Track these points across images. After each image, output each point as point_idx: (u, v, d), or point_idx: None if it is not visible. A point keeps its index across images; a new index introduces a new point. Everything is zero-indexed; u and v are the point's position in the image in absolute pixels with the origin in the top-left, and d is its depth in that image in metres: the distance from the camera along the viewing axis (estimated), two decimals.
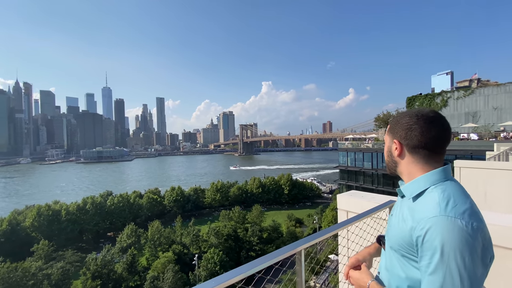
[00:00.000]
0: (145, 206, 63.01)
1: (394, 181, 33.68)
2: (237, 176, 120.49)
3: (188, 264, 39.40)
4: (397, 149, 1.19)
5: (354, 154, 37.99)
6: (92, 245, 53.03)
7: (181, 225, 51.38)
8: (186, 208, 68.11)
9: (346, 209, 2.49)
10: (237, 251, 45.33)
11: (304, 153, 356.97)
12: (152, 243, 43.89)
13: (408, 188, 1.17)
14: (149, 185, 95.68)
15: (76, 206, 55.18)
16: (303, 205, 78.78)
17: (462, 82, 45.57)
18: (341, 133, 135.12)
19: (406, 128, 1.14)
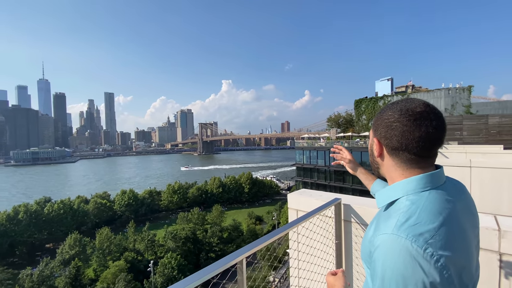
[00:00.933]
0: (92, 212, 57.19)
1: (344, 176, 36.48)
2: (197, 176, 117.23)
3: (143, 271, 37.00)
4: (376, 149, 0.97)
5: (309, 152, 40.11)
6: (27, 260, 46.01)
7: (134, 231, 47.86)
8: (140, 212, 63.79)
9: (296, 208, 2.51)
10: (197, 254, 44.10)
11: (264, 152, 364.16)
12: (100, 252, 40.10)
13: (380, 195, 0.96)
14: (96, 189, 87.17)
15: (6, 216, 47.43)
16: (263, 203, 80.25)
17: (400, 88, 51.51)
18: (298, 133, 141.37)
19: (387, 125, 0.90)
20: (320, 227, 2.16)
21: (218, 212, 56.48)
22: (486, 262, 1.61)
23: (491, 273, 1.61)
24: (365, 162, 35.12)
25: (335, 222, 2.21)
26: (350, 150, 35.72)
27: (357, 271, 2.17)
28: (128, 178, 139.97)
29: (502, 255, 1.59)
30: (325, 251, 2.18)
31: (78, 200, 58.43)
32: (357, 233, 2.15)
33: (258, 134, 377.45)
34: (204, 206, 70.03)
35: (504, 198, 4.55)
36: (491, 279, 1.61)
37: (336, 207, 2.19)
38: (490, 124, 20.38)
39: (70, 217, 53.33)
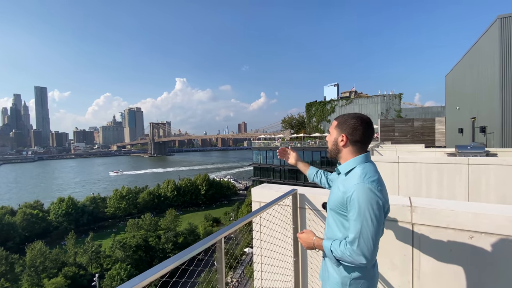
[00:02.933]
0: (20, 225, 49.22)
1: (297, 175, 38.68)
2: (148, 180, 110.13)
3: (86, 287, 33.41)
4: (343, 141, 1.68)
5: (265, 153, 41.47)
6: None
7: (74, 243, 42.78)
8: (81, 221, 57.27)
9: (259, 200, 2.79)
10: (149, 262, 41.49)
11: (221, 153, 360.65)
12: (32, 270, 34.86)
13: (343, 167, 1.69)
14: (25, 198, 75.15)
15: None
16: (220, 204, 79.46)
17: (345, 93, 56.72)
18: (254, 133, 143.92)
19: (353, 127, 1.64)
20: (280, 214, 2.49)
21: (172, 216, 54.09)
22: (403, 231, 2.15)
23: (406, 239, 2.14)
24: (315, 160, 37.82)
25: (292, 210, 2.57)
26: (302, 149, 38.09)
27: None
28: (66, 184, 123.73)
29: (413, 225, 2.13)
30: (284, 234, 2.52)
31: (2, 211, 49.70)
32: (310, 217, 2.55)
33: (215, 135, 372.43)
34: (157, 211, 66.26)
35: (422, 186, 5.63)
36: (406, 243, 2.15)
37: (293, 197, 2.55)
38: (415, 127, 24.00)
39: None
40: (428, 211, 2.06)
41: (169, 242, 43.93)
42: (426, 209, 2.07)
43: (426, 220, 2.07)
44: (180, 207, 72.47)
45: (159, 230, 49.93)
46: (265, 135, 49.98)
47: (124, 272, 33.57)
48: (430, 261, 2.08)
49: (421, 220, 2.09)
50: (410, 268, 2.15)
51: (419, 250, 2.11)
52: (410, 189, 5.72)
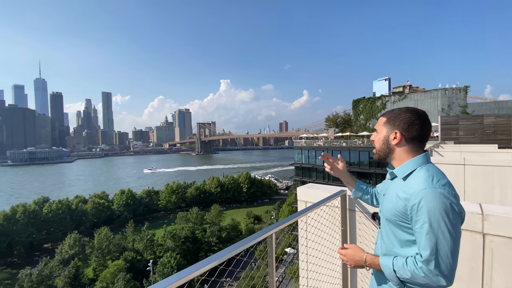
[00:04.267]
0: (90, 212, 57.16)
1: None
2: (195, 176, 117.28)
3: (142, 271, 37.17)
4: (396, 138, 1.46)
5: (307, 152, 40.46)
6: (25, 260, 45.90)
7: (133, 231, 48.00)
8: (138, 212, 63.84)
9: (305, 200, 2.77)
10: (196, 253, 44.30)
11: (262, 152, 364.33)
12: (99, 252, 40.16)
13: (400, 170, 1.45)
14: (94, 188, 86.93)
15: (3, 215, 47.28)
16: (261, 202, 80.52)
17: (397, 88, 51.97)
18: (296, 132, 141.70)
19: (408, 122, 1.42)
20: (328, 215, 2.44)
21: (216, 211, 56.73)
22: (472, 241, 1.91)
23: (475, 251, 1.90)
24: (363, 161, 35.57)
25: (341, 211, 2.49)
26: (348, 149, 36.14)
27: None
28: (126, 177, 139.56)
29: (485, 236, 1.88)
30: (332, 235, 2.47)
31: (76, 200, 58.35)
32: (361, 220, 2.44)
33: (256, 134, 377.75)
34: (203, 205, 70.21)
35: (495, 192, 4.87)
36: (475, 255, 1.90)
37: (342, 198, 2.47)
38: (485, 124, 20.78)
39: (68, 217, 53.29)
40: (504, 220, 1.79)
41: (214, 236, 46.19)
42: (501, 218, 1.81)
43: (501, 231, 1.81)
44: (224, 203, 75.58)
45: (204, 223, 52.88)
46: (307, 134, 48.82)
47: (174, 260, 36.41)
48: (504, 277, 1.81)
49: (494, 230, 1.83)
50: (480, 283, 1.90)
51: (491, 263, 1.86)
52: (479, 195, 4.99)
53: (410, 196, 1.30)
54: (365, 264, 1.49)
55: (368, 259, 1.47)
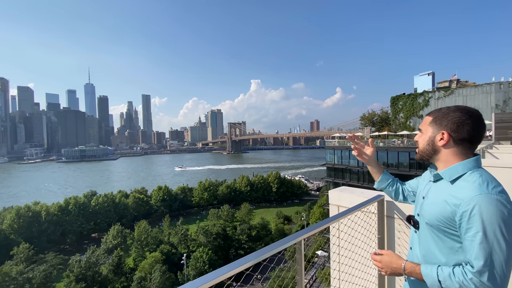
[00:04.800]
0: (131, 206, 61.72)
1: None
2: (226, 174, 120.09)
3: (176, 263, 39.06)
4: (443, 139, 1.34)
5: (340, 152, 38.84)
6: (76, 247, 51.32)
7: (168, 225, 50.74)
8: (174, 207, 67.29)
9: (337, 204, 2.62)
10: (226, 250, 45.37)
11: (292, 151, 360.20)
12: (139, 243, 43.14)
13: (447, 173, 1.32)
14: (135, 184, 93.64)
15: (58, 207, 53.26)
16: (291, 203, 79.64)
17: (443, 83, 47.46)
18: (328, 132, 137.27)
19: (458, 122, 1.29)
20: (363, 221, 2.27)
21: (246, 210, 57.42)
22: None
23: None
24: (403, 162, 33.16)
25: (377, 218, 2.31)
26: (386, 149, 33.95)
27: None
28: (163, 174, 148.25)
29: None
30: (368, 243, 2.29)
31: (119, 194, 63.38)
32: (400, 228, 2.22)
33: (286, 133, 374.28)
34: (233, 203, 71.59)
35: None
36: None
37: (379, 204, 2.28)
38: None
39: (113, 209, 58.19)
40: None
41: (244, 234, 46.85)
42: None
43: None
44: (253, 202, 76.24)
45: (235, 221, 53.87)
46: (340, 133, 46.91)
47: (206, 256, 37.69)
48: None
49: None
50: None
51: None
52: None
53: (461, 201, 1.19)
54: (404, 272, 1.37)
55: (407, 267, 1.35)
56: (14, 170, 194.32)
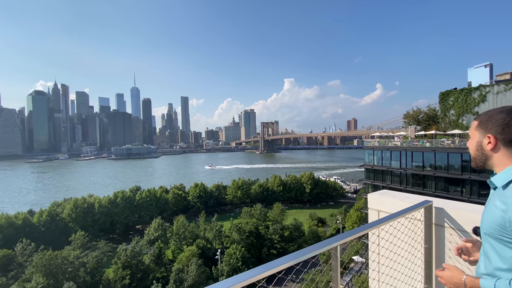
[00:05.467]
0: (171, 201, 65.66)
1: (425, 181, 31.80)
2: (258, 173, 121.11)
3: (211, 258, 40.47)
4: (490, 143, 1.28)
5: (381, 153, 36.39)
6: (123, 237, 56.40)
7: (204, 221, 52.87)
8: (209, 204, 69.92)
9: (378, 209, 2.44)
10: (259, 248, 45.72)
11: (327, 151, 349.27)
12: (177, 236, 45.63)
13: (498, 178, 1.26)
14: (174, 180, 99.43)
15: (108, 199, 58.92)
16: (325, 205, 77.27)
17: (503, 75, 41.56)
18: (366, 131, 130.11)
19: (502, 124, 1.24)
20: (407, 229, 2.06)
21: (279, 210, 57.13)
22: None
23: None
24: (453, 165, 29.92)
25: (424, 226, 2.08)
26: (433, 150, 30.97)
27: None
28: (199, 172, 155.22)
29: None
30: (412, 253, 2.08)
31: (160, 190, 67.82)
32: (452, 238, 1.98)
33: (321, 133, 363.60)
34: (266, 203, 71.84)
35: None
36: None
37: (426, 210, 2.06)
38: None
39: (154, 204, 62.57)
40: None
41: (276, 234, 46.73)
42: None
43: None
44: (286, 202, 75.60)
45: (267, 220, 53.99)
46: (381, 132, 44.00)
47: (239, 253, 38.42)
48: None
49: None
50: None
51: None
52: None
53: (508, 207, 1.13)
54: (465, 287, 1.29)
55: (467, 281, 1.27)
56: (73, 165, 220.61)
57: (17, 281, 32.24)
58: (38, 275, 31.36)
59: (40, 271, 32.00)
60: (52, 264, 32.93)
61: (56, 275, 32.57)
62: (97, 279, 34.56)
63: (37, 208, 58.71)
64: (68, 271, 33.42)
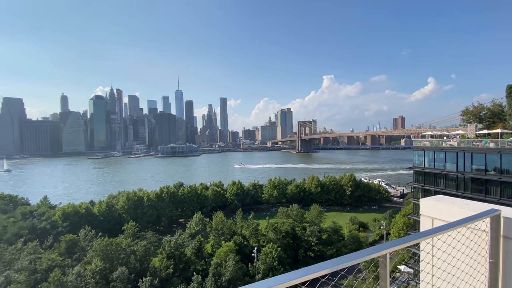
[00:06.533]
0: (210, 198, 68.60)
1: (487, 187, 27.83)
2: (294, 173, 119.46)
3: (248, 255, 41.18)
4: None
5: (433, 154, 32.87)
6: (167, 229, 60.71)
7: (241, 218, 54.04)
8: (245, 202, 71.26)
9: (432, 216, 2.22)
10: (295, 249, 45.11)
11: (370, 152, 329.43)
12: (216, 232, 47.43)
13: None
14: (213, 178, 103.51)
15: (155, 194, 63.90)
16: (368, 208, 72.94)
17: None
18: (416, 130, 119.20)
19: None
20: (468, 240, 1.83)
21: (317, 212, 55.62)
22: None
23: None
24: None
25: (490, 238, 1.82)
26: (499, 152, 26.99)
27: None
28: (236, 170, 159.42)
29: None
30: (475, 268, 1.84)
31: (201, 186, 71.27)
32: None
33: (363, 132, 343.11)
34: (302, 203, 70.53)
35: None
36: None
37: (493, 220, 1.80)
38: None
39: (195, 199, 66.05)
40: None
41: (314, 236, 45.58)
42: None
43: None
44: (324, 204, 73.22)
45: (304, 222, 53.01)
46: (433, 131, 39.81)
47: (275, 252, 38.42)
48: None
49: None
50: None
51: None
52: None
53: None
54: None
55: None
56: (125, 162, 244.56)
57: (80, 263, 36.90)
58: (97, 259, 35.47)
59: (99, 255, 36.16)
60: (109, 249, 36.96)
61: (111, 260, 36.48)
62: (145, 266, 37.75)
63: (96, 199, 66.51)
64: (121, 257, 37.17)
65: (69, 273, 33.33)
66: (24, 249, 37.68)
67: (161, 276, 35.94)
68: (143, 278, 34.22)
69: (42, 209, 54.80)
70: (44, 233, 46.91)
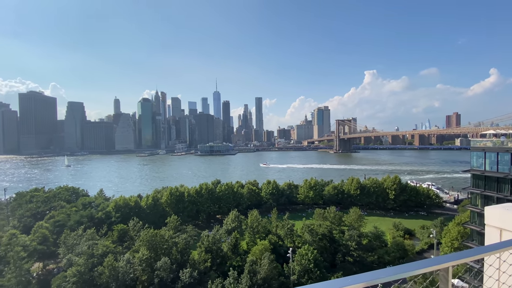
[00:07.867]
0: (246, 196, 69.74)
1: None
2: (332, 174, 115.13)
3: (283, 255, 40.84)
4: None
5: (496, 156, 28.71)
6: (206, 224, 63.40)
7: (276, 217, 53.84)
8: (280, 201, 70.82)
9: (500, 227, 1.87)
10: (332, 253, 43.45)
11: (417, 152, 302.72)
12: (251, 230, 48.02)
13: None
14: (248, 177, 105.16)
15: (195, 190, 67.19)
16: (414, 214, 67.08)
17: None
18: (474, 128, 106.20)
19: None
20: None
21: (356, 215, 52.76)
22: None
23: None
24: None
25: None
26: None
27: None
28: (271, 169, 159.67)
29: None
30: None
31: (237, 184, 72.86)
32: None
33: (410, 131, 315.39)
34: (340, 206, 67.61)
35: None
36: None
37: None
38: None
39: (232, 197, 67.81)
40: None
41: (353, 241, 43.39)
42: None
43: None
44: (364, 207, 69.20)
45: (342, 225, 50.71)
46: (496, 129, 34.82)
47: (311, 254, 37.40)
48: None
49: None
50: None
51: None
52: None
53: None
54: None
55: None
56: (168, 159, 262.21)
57: (129, 251, 40.53)
58: (144, 248, 38.60)
59: (145, 245, 39.30)
60: (154, 240, 39.94)
61: (156, 250, 39.39)
62: (185, 258, 39.92)
63: (144, 192, 72.41)
64: (164, 248, 39.88)
65: (120, 259, 36.89)
66: (84, 236, 42.72)
67: (199, 268, 37.66)
68: (183, 269, 36.27)
69: (98, 200, 61.66)
70: (100, 222, 52.66)
